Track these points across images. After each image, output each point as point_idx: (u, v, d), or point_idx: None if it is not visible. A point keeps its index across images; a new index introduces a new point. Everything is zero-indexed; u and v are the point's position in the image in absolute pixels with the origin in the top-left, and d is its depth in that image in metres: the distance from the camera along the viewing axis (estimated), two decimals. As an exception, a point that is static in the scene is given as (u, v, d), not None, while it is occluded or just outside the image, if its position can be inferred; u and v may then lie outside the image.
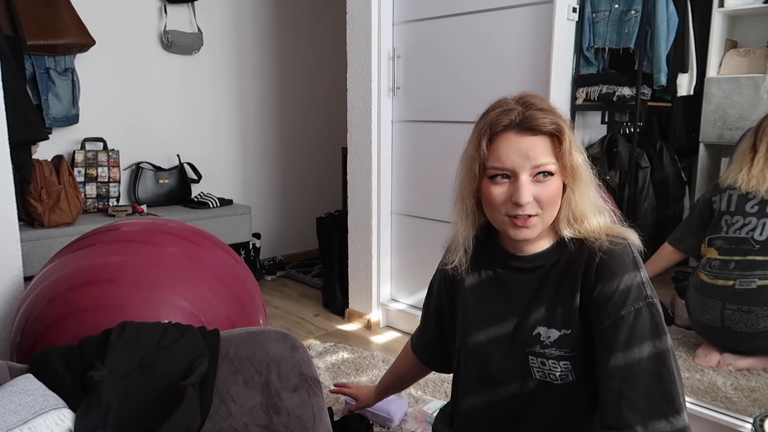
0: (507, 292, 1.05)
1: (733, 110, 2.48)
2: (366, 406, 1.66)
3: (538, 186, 0.94)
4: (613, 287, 0.92)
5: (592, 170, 1.00)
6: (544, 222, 0.97)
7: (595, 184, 0.99)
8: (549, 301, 0.99)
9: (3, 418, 0.91)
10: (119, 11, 2.94)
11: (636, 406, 0.87)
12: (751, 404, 1.80)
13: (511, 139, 0.94)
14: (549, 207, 0.95)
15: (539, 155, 0.93)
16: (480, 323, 1.07)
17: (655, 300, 0.92)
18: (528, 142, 0.93)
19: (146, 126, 3.13)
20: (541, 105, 0.96)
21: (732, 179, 2.00)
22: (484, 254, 1.10)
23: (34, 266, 2.25)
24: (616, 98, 2.23)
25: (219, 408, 1.12)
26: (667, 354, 0.89)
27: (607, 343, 0.91)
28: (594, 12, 2.24)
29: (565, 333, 0.97)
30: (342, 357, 2.28)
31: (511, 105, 0.96)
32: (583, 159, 0.97)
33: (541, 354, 0.98)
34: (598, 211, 0.99)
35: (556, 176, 0.95)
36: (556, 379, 0.98)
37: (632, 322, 0.89)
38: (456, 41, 2.27)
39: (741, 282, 1.92)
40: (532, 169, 0.93)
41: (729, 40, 2.62)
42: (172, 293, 1.38)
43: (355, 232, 2.67)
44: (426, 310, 1.31)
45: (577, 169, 0.95)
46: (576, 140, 0.97)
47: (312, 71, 3.83)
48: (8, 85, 1.81)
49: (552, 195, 0.94)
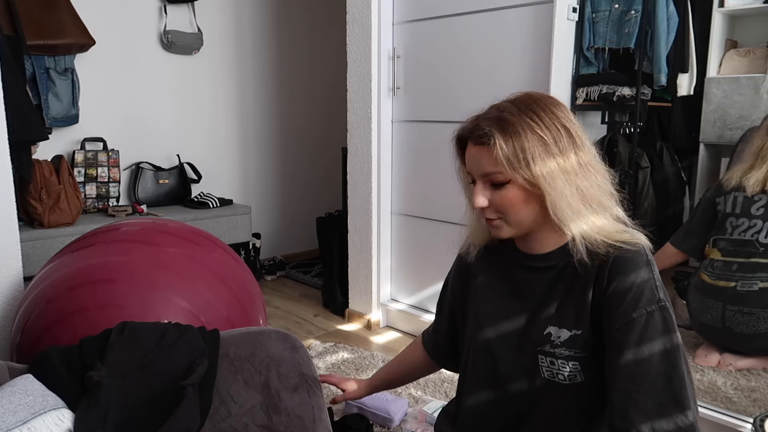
0: (519, 290, 1.06)
1: (733, 110, 2.48)
2: (353, 399, 1.55)
3: (493, 193, 0.97)
4: (625, 289, 0.92)
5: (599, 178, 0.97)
6: (512, 224, 0.99)
7: (588, 187, 0.95)
8: (560, 300, 0.99)
9: (3, 418, 0.91)
10: (119, 11, 2.94)
11: (644, 408, 0.87)
12: (751, 404, 1.80)
13: (469, 148, 1.00)
14: (508, 212, 0.97)
15: (484, 165, 0.96)
16: (491, 321, 1.08)
17: (667, 303, 0.92)
18: (475, 151, 0.97)
19: (146, 126, 3.13)
20: (503, 113, 0.95)
21: (737, 181, 1.99)
22: (497, 253, 1.11)
23: (34, 266, 2.25)
24: (616, 98, 2.23)
25: (219, 408, 1.12)
26: (677, 357, 0.89)
27: (617, 344, 0.91)
28: (594, 12, 2.24)
29: (575, 333, 0.96)
30: (342, 357, 2.28)
31: (483, 112, 1.00)
32: (562, 163, 0.93)
33: (550, 353, 0.98)
34: (596, 211, 0.96)
35: (513, 183, 0.95)
36: (565, 379, 0.97)
37: (644, 324, 0.89)
38: (456, 41, 2.27)
39: (743, 284, 1.92)
40: (482, 177, 0.97)
41: (729, 40, 2.62)
42: (172, 293, 1.38)
43: (355, 232, 2.67)
44: (440, 306, 1.32)
45: (536, 177, 0.92)
46: (551, 146, 0.93)
47: (312, 71, 3.83)
48: (8, 85, 1.80)
49: (507, 202, 0.96)
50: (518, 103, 0.97)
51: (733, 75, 2.50)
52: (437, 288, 2.48)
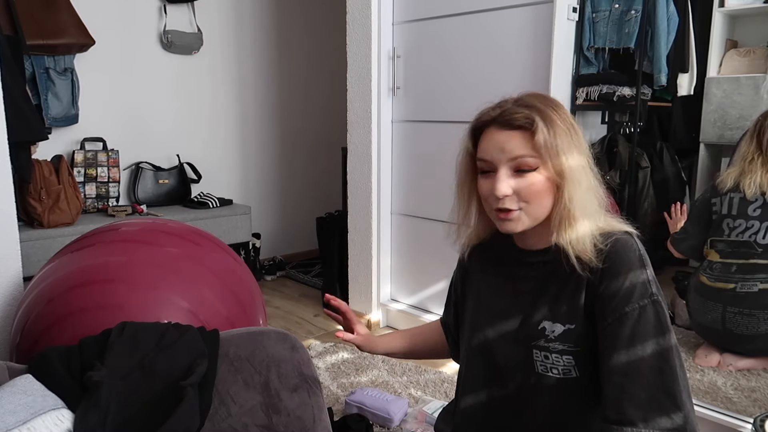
0: (515, 286, 1.06)
1: (734, 110, 2.48)
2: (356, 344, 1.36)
3: (519, 180, 0.95)
4: (618, 284, 0.92)
5: (594, 173, 0.99)
6: (530, 215, 0.97)
7: (595, 188, 0.98)
8: (555, 295, 1.00)
9: (2, 418, 0.90)
10: (119, 11, 2.94)
11: (637, 401, 0.87)
12: (752, 404, 1.80)
13: (491, 134, 0.97)
14: (532, 201, 0.95)
15: (514, 149, 0.94)
16: (488, 317, 1.08)
17: (660, 298, 0.92)
18: (504, 136, 0.95)
19: (146, 126, 3.13)
20: (530, 102, 0.96)
21: (733, 182, 1.99)
22: (492, 249, 1.11)
23: (34, 266, 2.24)
24: (616, 98, 2.23)
25: (219, 408, 1.12)
26: (670, 352, 0.89)
27: (610, 339, 0.91)
28: (594, 12, 2.24)
29: (569, 327, 0.97)
30: (342, 357, 2.28)
31: (501, 103, 0.99)
32: (580, 160, 0.96)
33: (545, 348, 0.99)
34: (594, 216, 0.98)
35: (539, 171, 0.94)
36: (559, 374, 0.98)
37: (636, 319, 0.90)
38: (456, 41, 2.27)
39: (742, 285, 1.92)
40: (509, 162, 0.95)
41: (729, 40, 2.62)
42: (172, 293, 1.38)
43: (355, 232, 2.67)
44: (448, 298, 1.32)
45: (563, 167, 0.94)
46: (572, 140, 0.96)
47: (312, 71, 3.83)
48: (8, 85, 1.80)
49: (533, 189, 0.94)
50: (536, 98, 0.98)
51: (733, 75, 2.50)
52: (437, 288, 2.50)
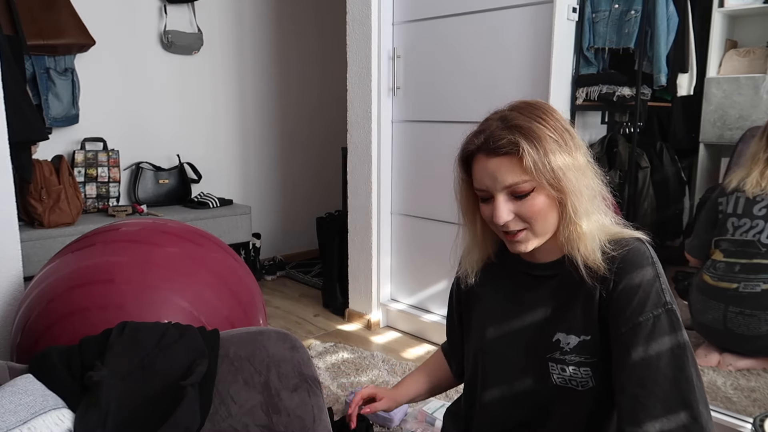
0: (525, 299, 1.04)
1: (733, 110, 2.48)
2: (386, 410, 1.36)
3: (518, 204, 0.93)
4: (631, 292, 0.90)
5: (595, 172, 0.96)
6: (537, 234, 0.95)
7: (599, 191, 0.96)
8: (567, 307, 0.98)
9: (3, 418, 0.91)
10: (119, 11, 2.94)
11: (653, 411, 0.86)
12: (751, 404, 1.80)
13: (480, 162, 0.94)
14: (536, 221, 0.93)
15: (506, 177, 0.91)
16: (498, 331, 1.06)
17: (674, 306, 0.90)
18: (493, 164, 0.92)
19: (146, 126, 3.13)
20: (513, 120, 0.93)
21: (739, 182, 1.99)
22: (497, 267, 1.09)
23: (34, 266, 2.25)
24: (616, 98, 2.23)
25: (219, 408, 1.12)
26: (686, 361, 0.88)
27: (624, 348, 0.90)
28: (594, 12, 2.24)
29: (584, 339, 0.95)
30: (342, 357, 2.28)
31: (484, 126, 0.95)
32: (578, 165, 0.93)
33: (561, 360, 0.97)
34: (601, 222, 0.96)
35: (537, 192, 0.92)
36: (578, 386, 0.96)
37: (651, 328, 0.88)
38: (456, 41, 2.27)
39: (745, 285, 1.92)
40: (504, 190, 0.92)
41: (729, 40, 2.62)
42: (172, 293, 1.38)
43: (355, 232, 2.67)
44: (450, 319, 1.27)
45: (561, 183, 0.91)
46: (567, 147, 0.92)
47: (312, 71, 3.83)
48: (8, 85, 1.81)
49: (534, 210, 0.92)
50: (520, 109, 0.95)
51: (733, 75, 2.50)
52: (437, 288, 2.50)
